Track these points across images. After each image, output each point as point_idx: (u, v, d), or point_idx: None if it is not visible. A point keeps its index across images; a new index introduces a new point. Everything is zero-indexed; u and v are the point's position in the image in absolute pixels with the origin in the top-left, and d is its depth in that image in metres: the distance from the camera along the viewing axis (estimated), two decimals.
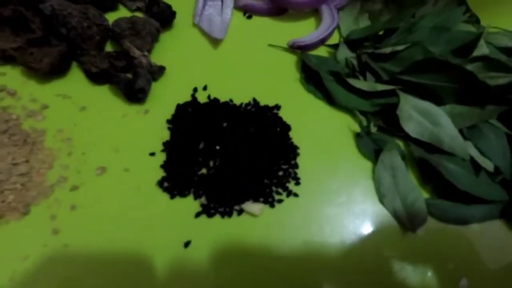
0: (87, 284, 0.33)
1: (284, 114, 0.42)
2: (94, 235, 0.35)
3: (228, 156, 0.38)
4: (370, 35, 0.47)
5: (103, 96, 0.43)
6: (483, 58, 0.41)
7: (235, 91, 0.43)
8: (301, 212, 0.37)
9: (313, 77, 0.45)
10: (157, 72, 0.43)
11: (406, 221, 0.36)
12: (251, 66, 0.46)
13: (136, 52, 0.41)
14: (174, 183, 0.37)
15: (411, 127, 0.40)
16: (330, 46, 0.49)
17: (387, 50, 0.43)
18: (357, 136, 0.42)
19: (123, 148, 0.39)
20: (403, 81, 0.41)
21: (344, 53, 0.47)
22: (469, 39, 0.42)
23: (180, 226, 0.35)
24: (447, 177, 0.37)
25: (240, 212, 0.36)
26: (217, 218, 0.36)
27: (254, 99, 0.43)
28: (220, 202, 0.36)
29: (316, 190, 0.38)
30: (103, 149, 0.39)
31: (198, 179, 0.37)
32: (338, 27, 0.50)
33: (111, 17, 0.46)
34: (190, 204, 0.37)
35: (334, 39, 0.49)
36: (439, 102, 0.41)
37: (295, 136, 0.41)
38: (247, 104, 0.43)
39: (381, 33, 0.47)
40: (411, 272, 0.35)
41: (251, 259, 0.34)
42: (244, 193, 0.37)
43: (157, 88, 0.43)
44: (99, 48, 0.44)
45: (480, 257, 0.35)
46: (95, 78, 0.42)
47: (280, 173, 0.39)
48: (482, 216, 0.37)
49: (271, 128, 0.41)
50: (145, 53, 0.42)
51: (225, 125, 0.41)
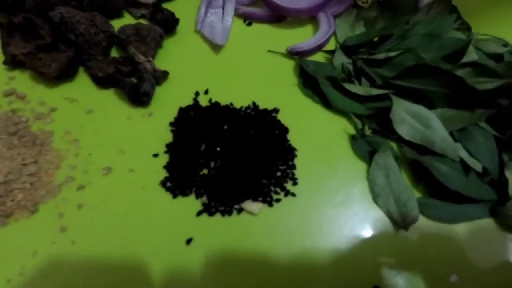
0: (94, 279, 0.34)
1: (283, 117, 0.44)
2: (100, 232, 0.36)
3: (229, 157, 0.40)
4: (365, 42, 0.49)
5: (109, 100, 0.44)
6: (472, 64, 0.43)
7: (235, 95, 0.45)
8: (299, 211, 0.39)
9: (311, 82, 0.47)
10: (161, 77, 0.45)
11: (399, 220, 0.38)
12: (251, 71, 0.48)
13: (141, 58, 0.43)
14: (177, 183, 0.39)
15: (404, 130, 0.42)
16: (327, 52, 0.50)
17: (381, 56, 0.44)
18: (353, 138, 0.43)
19: (128, 149, 0.41)
20: (396, 86, 0.43)
21: (340, 59, 0.49)
22: (459, 46, 0.44)
23: (182, 224, 0.37)
24: (438, 178, 0.38)
25: (240, 211, 0.38)
26: (218, 217, 0.38)
27: (254, 103, 0.45)
28: (221, 201, 0.38)
29: (313, 190, 0.40)
30: (109, 150, 0.41)
31: (200, 179, 0.39)
32: (335, 34, 0.52)
33: (117, 24, 0.48)
34: (192, 203, 0.38)
35: (331, 45, 0.51)
36: (431, 106, 0.42)
37: (293, 139, 0.43)
38: (247, 108, 0.45)
39: (376, 40, 0.49)
40: (403, 269, 0.36)
41: (250, 256, 0.36)
42: (244, 193, 0.38)
43: (161, 92, 0.45)
44: (105, 54, 0.46)
45: (470, 254, 0.37)
46: (101, 83, 0.44)
47: (278, 174, 0.40)
48: (472, 215, 0.39)
49: (270, 131, 0.43)
50: (150, 59, 0.44)
51: (226, 128, 0.42)
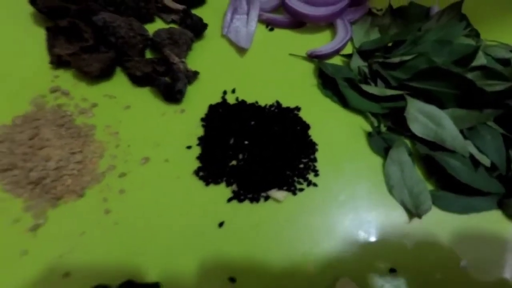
0: (134, 256, 0.38)
1: (304, 115, 0.48)
2: (140, 215, 0.40)
3: (255, 150, 0.44)
4: (380, 47, 0.52)
5: (144, 97, 0.48)
6: (481, 68, 0.46)
7: (260, 94, 0.49)
8: (319, 199, 0.42)
9: (329, 83, 0.51)
10: (192, 77, 0.49)
11: (413, 209, 0.41)
12: (274, 73, 0.52)
13: (175, 59, 0.47)
14: (209, 173, 0.43)
15: (417, 128, 0.45)
16: (344, 56, 0.54)
17: (396, 60, 0.48)
18: (369, 135, 0.47)
19: (163, 142, 0.45)
20: (410, 87, 0.47)
21: (357, 62, 0.52)
22: (469, 51, 0.47)
23: (215, 209, 0.41)
24: (450, 171, 0.42)
25: (266, 198, 0.41)
26: (246, 203, 0.41)
27: (277, 101, 0.49)
28: (249, 189, 0.42)
29: (332, 181, 0.43)
30: (146, 142, 0.45)
31: (230, 169, 0.43)
32: (351, 39, 0.56)
33: (149, 28, 0.52)
34: (223, 191, 0.42)
35: (348, 50, 0.55)
36: (442, 106, 0.46)
37: (314, 134, 0.46)
38: (271, 106, 0.48)
39: (390, 45, 0.53)
40: (417, 253, 0.39)
41: (275, 238, 0.39)
42: (270, 182, 0.42)
43: (192, 91, 0.49)
44: (141, 55, 0.50)
45: (478, 242, 0.40)
46: (138, 81, 0.48)
47: (301, 166, 0.44)
48: (481, 207, 0.42)
49: (292, 127, 0.46)
50: (183, 60, 0.48)
51: (252, 124, 0.46)
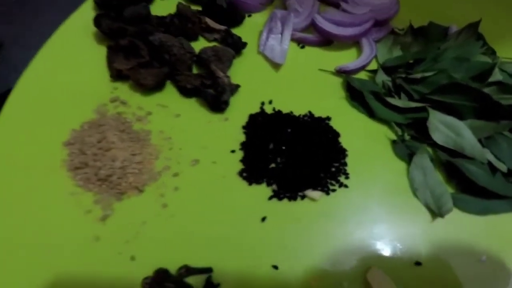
0: (187, 244, 0.43)
1: (334, 124, 0.53)
2: (192, 209, 0.46)
3: (292, 155, 0.49)
4: (402, 63, 0.58)
5: (192, 106, 0.55)
6: (497, 83, 0.51)
7: (294, 105, 0.55)
8: (350, 199, 0.47)
9: (356, 96, 0.56)
10: (234, 89, 0.55)
11: (436, 210, 0.46)
12: (306, 86, 0.58)
13: (220, 74, 0.54)
14: (251, 174, 0.48)
15: (438, 136, 0.50)
16: (370, 71, 0.60)
17: (418, 76, 0.53)
18: (394, 143, 0.52)
19: (210, 146, 0.51)
20: (432, 100, 0.52)
21: (381, 77, 0.58)
22: (486, 68, 0.52)
23: (257, 206, 0.46)
24: (469, 176, 0.46)
25: (303, 197, 0.47)
26: (285, 201, 0.46)
27: (310, 112, 0.54)
28: (287, 189, 0.47)
29: (362, 183, 0.48)
30: (195, 146, 0.51)
31: (270, 171, 0.48)
32: (376, 56, 0.61)
33: (194, 46, 0.59)
34: (264, 190, 0.47)
35: (373, 66, 0.60)
36: (461, 117, 0.50)
37: (344, 142, 0.52)
38: (304, 115, 0.54)
39: (411, 61, 0.58)
40: (441, 249, 0.44)
41: (311, 232, 0.44)
42: (306, 183, 0.47)
43: (234, 101, 0.55)
44: (189, 70, 0.57)
45: (496, 240, 0.44)
46: (187, 93, 0.55)
47: (333, 169, 0.49)
48: (498, 209, 0.46)
49: (324, 135, 0.52)
50: (227, 74, 0.54)
51: (288, 131, 0.52)
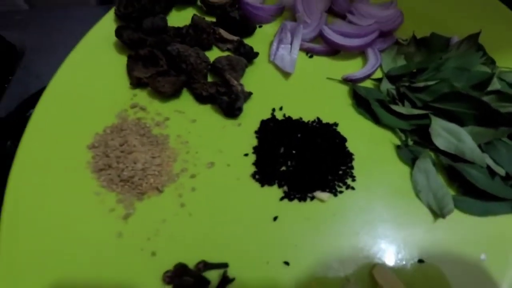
0: (203, 240, 0.46)
1: (341, 130, 0.56)
2: (209, 209, 0.49)
3: (302, 159, 0.52)
4: (406, 72, 0.61)
5: (207, 112, 0.58)
6: (496, 92, 0.54)
7: (303, 111, 0.58)
8: (357, 200, 0.50)
9: (362, 103, 0.59)
10: (247, 96, 0.58)
11: (437, 211, 0.48)
12: (314, 93, 0.61)
13: (234, 82, 0.57)
14: (263, 176, 0.51)
15: (440, 142, 0.53)
16: (375, 80, 0.63)
17: (421, 84, 0.56)
18: (398, 148, 0.55)
19: (225, 150, 0.54)
20: (434, 108, 0.55)
21: (386, 85, 0.61)
22: (485, 77, 0.55)
23: (269, 206, 0.49)
24: (469, 179, 0.49)
25: (312, 198, 0.50)
26: (296, 202, 0.49)
27: (318, 118, 0.58)
28: (298, 190, 0.50)
29: (367, 186, 0.51)
30: (211, 150, 0.54)
31: (281, 174, 0.51)
32: (381, 65, 0.64)
33: (208, 55, 0.63)
34: (276, 191, 0.50)
35: (378, 75, 0.63)
36: (462, 124, 0.53)
37: (350, 146, 0.55)
38: (313, 121, 0.57)
39: (415, 71, 0.61)
40: (439, 248, 0.46)
41: (320, 231, 0.47)
42: (315, 185, 0.50)
43: (246, 108, 0.59)
44: (205, 78, 0.60)
45: (495, 240, 0.47)
46: (203, 99, 0.58)
47: (340, 172, 0.52)
48: (497, 210, 0.49)
49: (332, 140, 0.55)
50: (241, 82, 0.58)
51: (298, 136, 0.55)
